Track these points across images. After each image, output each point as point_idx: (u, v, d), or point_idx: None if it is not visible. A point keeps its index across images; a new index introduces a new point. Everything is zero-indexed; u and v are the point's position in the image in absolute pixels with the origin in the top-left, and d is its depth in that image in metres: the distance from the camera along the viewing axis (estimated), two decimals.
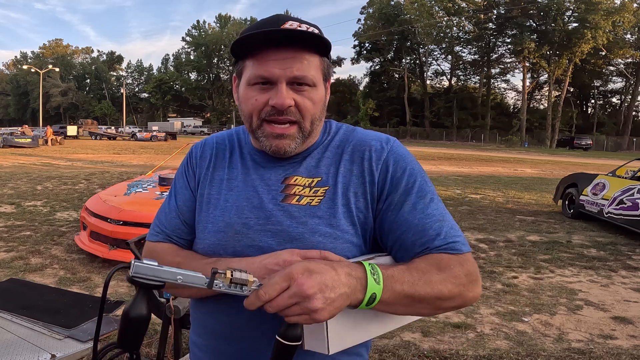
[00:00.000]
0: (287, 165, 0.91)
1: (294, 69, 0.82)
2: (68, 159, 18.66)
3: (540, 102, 57.45)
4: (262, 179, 0.91)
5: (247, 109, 0.86)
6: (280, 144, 0.86)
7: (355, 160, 0.90)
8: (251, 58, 0.84)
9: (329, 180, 0.89)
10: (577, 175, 8.50)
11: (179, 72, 73.32)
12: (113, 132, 44.62)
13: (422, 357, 2.99)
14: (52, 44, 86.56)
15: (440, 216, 0.86)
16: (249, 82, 0.85)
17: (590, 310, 3.89)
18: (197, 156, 1.00)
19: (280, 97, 0.82)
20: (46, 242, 5.44)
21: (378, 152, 0.90)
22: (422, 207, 0.86)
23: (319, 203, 0.87)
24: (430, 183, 0.91)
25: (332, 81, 0.96)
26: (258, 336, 0.87)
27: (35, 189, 9.65)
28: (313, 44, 0.83)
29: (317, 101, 0.86)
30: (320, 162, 0.91)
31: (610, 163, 21.55)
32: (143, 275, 0.65)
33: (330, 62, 0.91)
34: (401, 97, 55.30)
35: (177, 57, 76.87)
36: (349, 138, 0.94)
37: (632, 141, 44.16)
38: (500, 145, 44.23)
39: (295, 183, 0.89)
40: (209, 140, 1.03)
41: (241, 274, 0.68)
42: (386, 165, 0.89)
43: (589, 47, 42.30)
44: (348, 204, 0.87)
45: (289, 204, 0.87)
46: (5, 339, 2.91)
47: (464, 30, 51.69)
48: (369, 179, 0.88)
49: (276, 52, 0.82)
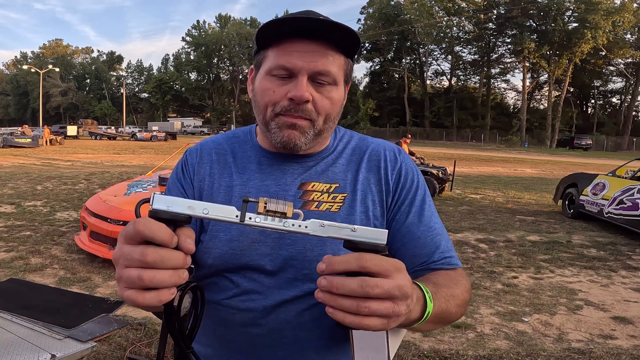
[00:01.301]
0: (300, 169, 0.89)
1: (318, 63, 0.78)
2: (68, 159, 18.66)
3: (540, 102, 57.49)
4: (278, 183, 0.87)
5: (263, 100, 0.82)
6: (292, 134, 0.81)
7: (372, 169, 0.91)
8: (274, 47, 0.80)
9: (347, 187, 0.88)
10: (577, 175, 8.50)
11: (179, 72, 73.31)
12: (113, 132, 44.59)
13: (422, 357, 2.99)
14: (52, 44, 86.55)
15: (440, 230, 0.89)
16: (268, 72, 0.81)
17: (590, 310, 3.89)
18: (194, 163, 0.93)
19: (300, 89, 0.78)
20: (46, 242, 5.44)
21: (392, 162, 0.92)
22: (425, 220, 0.88)
23: (338, 209, 0.85)
24: (430, 196, 0.94)
25: None
26: (278, 348, 0.83)
27: (35, 189, 9.65)
28: (341, 41, 0.80)
29: (336, 101, 0.83)
30: (335, 167, 0.90)
31: (610, 163, 21.55)
32: (166, 209, 0.54)
33: (353, 66, 0.88)
34: (401, 97, 55.30)
35: (177, 57, 76.88)
36: (362, 146, 0.94)
37: (632, 141, 44.15)
38: (500, 145, 44.23)
39: (313, 189, 0.87)
40: (206, 145, 0.96)
41: (278, 202, 0.56)
42: (399, 175, 0.91)
43: (589, 47, 42.30)
44: (367, 212, 0.87)
45: (308, 210, 0.84)
46: (5, 339, 2.91)
47: (464, 30, 51.71)
48: (385, 188, 0.89)
49: (302, 43, 0.78)
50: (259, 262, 0.82)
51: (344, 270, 0.53)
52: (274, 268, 0.83)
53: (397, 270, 0.55)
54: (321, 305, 0.81)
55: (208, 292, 0.85)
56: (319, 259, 0.78)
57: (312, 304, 0.82)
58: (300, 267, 0.83)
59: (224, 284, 0.85)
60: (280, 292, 0.82)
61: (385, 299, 0.53)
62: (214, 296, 0.85)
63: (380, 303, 0.53)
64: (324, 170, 0.89)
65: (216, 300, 0.85)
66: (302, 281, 0.83)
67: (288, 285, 0.82)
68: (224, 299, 0.84)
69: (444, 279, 0.80)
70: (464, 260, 5.24)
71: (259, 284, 0.82)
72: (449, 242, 0.89)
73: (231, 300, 0.84)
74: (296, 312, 0.82)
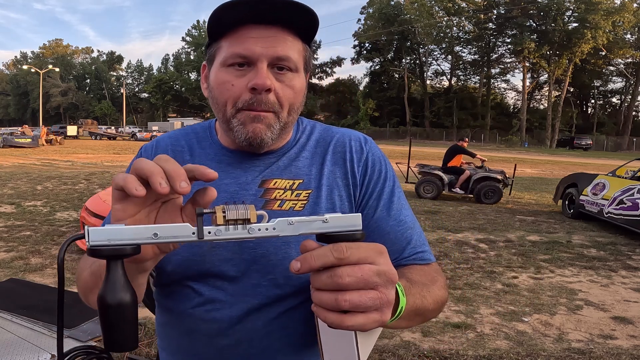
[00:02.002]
0: (262, 166, 0.82)
1: (278, 48, 0.73)
2: (68, 159, 18.65)
3: (540, 102, 57.48)
4: (238, 182, 0.81)
5: (222, 97, 0.76)
6: (257, 128, 0.75)
7: (337, 161, 0.85)
8: (228, 37, 0.74)
9: (311, 183, 0.82)
10: (577, 175, 8.50)
11: (179, 72, 73.31)
12: (113, 132, 44.63)
13: (422, 357, 2.99)
14: (52, 44, 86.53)
15: (412, 223, 0.84)
16: (223, 63, 0.75)
17: (590, 310, 3.89)
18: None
19: (261, 77, 0.72)
20: (46, 242, 5.44)
21: (358, 153, 0.86)
22: (394, 213, 0.83)
23: (302, 208, 0.80)
24: (401, 187, 0.88)
25: (331, 81, 0.88)
26: (247, 359, 0.79)
27: (35, 189, 9.65)
28: (298, 24, 0.75)
29: (298, 90, 0.78)
30: (298, 162, 0.84)
31: (610, 163, 21.54)
32: (106, 242, 0.46)
33: (311, 53, 0.82)
34: (401, 97, 55.27)
35: (177, 57, 76.88)
36: (326, 137, 0.88)
37: (632, 141, 44.14)
38: (500, 145, 44.22)
39: (275, 187, 0.81)
40: (162, 141, 0.89)
41: (237, 208, 0.49)
42: (365, 166, 0.85)
43: (589, 47, 42.29)
44: (334, 209, 0.81)
45: (270, 210, 0.78)
46: (5, 339, 2.91)
47: (464, 30, 51.69)
48: (352, 181, 0.84)
49: (257, 29, 0.73)
50: (220, 268, 0.77)
51: (322, 266, 0.48)
52: (236, 273, 0.77)
53: (379, 253, 0.50)
54: (290, 312, 0.79)
55: (171, 300, 0.82)
56: (284, 262, 0.75)
57: (280, 312, 0.78)
58: (264, 271, 0.77)
59: (186, 292, 0.79)
60: (245, 300, 0.77)
61: (369, 288, 0.48)
62: (177, 305, 0.80)
63: (363, 294, 0.48)
64: (287, 165, 0.83)
65: (180, 310, 0.80)
66: (266, 287, 0.78)
67: (253, 292, 0.77)
68: (188, 309, 0.79)
69: (417, 274, 0.76)
70: (464, 260, 5.24)
71: (222, 291, 0.77)
72: (422, 235, 0.84)
73: (195, 310, 0.78)
74: (264, 322, 0.78)
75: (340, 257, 0.48)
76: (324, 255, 0.48)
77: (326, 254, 0.48)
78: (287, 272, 0.77)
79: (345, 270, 0.48)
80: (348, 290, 0.48)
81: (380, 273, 0.49)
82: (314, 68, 2.59)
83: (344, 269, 0.48)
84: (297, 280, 0.77)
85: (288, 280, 0.78)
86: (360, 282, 0.48)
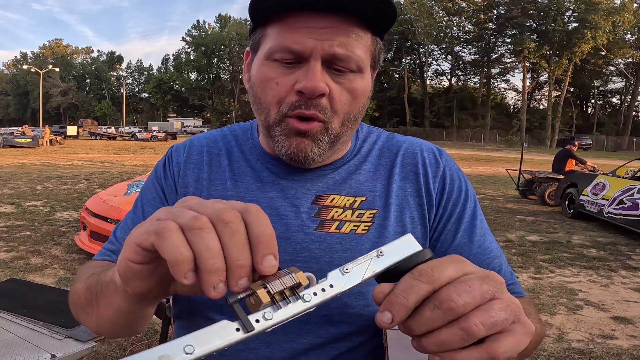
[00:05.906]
0: (315, 179, 0.69)
1: (335, 43, 0.58)
2: (68, 159, 18.65)
3: (540, 102, 57.52)
4: (285, 197, 0.68)
5: (265, 97, 0.62)
6: (300, 144, 0.62)
7: (407, 175, 0.71)
8: (276, 23, 0.60)
9: (376, 201, 0.69)
10: (577, 175, 8.50)
11: (179, 72, 73.29)
12: (113, 132, 44.64)
13: None
14: (52, 44, 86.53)
15: (498, 251, 0.71)
16: (268, 56, 0.61)
17: (590, 310, 3.89)
18: (180, 162, 0.73)
19: (312, 79, 0.58)
20: (46, 242, 5.44)
21: (433, 166, 0.72)
22: (478, 239, 0.70)
23: (366, 231, 0.67)
24: (481, 208, 0.74)
25: None
26: None
27: (35, 189, 9.65)
28: (367, 13, 0.59)
29: (359, 94, 0.63)
30: (359, 175, 0.70)
31: (610, 163, 21.53)
32: None
33: (382, 47, 0.66)
34: (401, 97, 55.29)
35: (177, 57, 76.89)
36: (391, 146, 0.74)
37: (632, 141, 44.13)
38: (500, 145, 44.21)
39: (332, 204, 0.67)
40: (196, 141, 0.76)
41: (281, 275, 0.37)
42: (442, 183, 0.71)
43: (589, 47, 42.30)
44: (404, 232, 0.67)
45: (327, 233, 0.66)
46: (5, 339, 2.91)
47: (464, 30, 51.72)
48: (427, 200, 0.70)
49: (312, 17, 0.58)
50: None
51: (418, 301, 0.36)
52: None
53: (462, 262, 0.39)
54: (346, 356, 0.66)
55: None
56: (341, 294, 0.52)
57: (334, 355, 0.67)
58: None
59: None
60: (289, 339, 0.66)
61: (487, 300, 0.36)
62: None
63: (488, 308, 0.36)
64: (345, 179, 0.70)
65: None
66: (317, 324, 0.66)
67: (299, 330, 0.66)
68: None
69: None
70: None
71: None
72: (509, 266, 0.72)
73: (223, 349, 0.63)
74: (329, 357, 0.66)
75: (432, 280, 0.36)
76: (412, 287, 0.36)
77: (412, 284, 0.36)
78: (344, 308, 0.65)
79: (450, 290, 0.36)
80: (468, 312, 0.35)
81: (484, 278, 0.37)
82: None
83: (447, 291, 0.36)
84: (357, 317, 0.66)
85: (345, 318, 0.66)
86: (476, 296, 0.36)
